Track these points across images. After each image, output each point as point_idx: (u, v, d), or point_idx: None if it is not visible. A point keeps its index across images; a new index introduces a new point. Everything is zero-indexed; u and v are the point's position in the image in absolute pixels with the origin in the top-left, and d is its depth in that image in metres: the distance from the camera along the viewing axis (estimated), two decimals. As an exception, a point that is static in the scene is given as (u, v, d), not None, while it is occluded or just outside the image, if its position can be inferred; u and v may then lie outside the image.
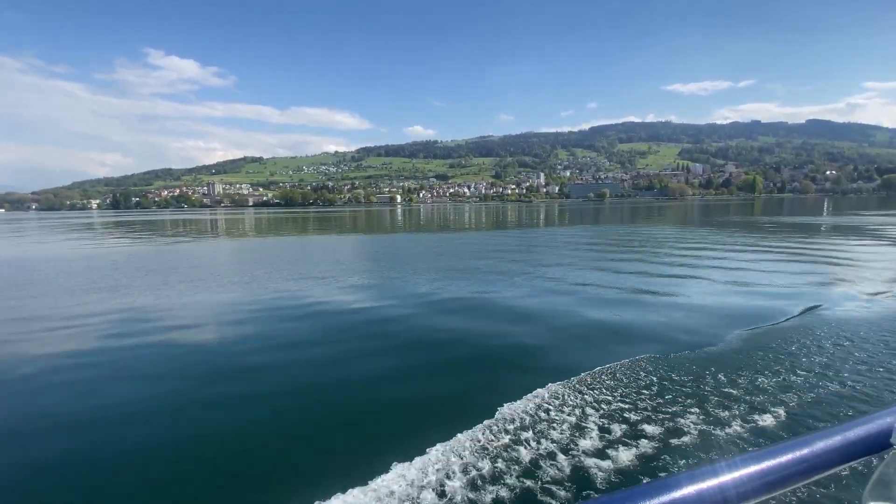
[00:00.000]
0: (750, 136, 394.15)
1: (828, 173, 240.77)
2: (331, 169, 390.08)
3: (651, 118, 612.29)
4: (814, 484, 2.97)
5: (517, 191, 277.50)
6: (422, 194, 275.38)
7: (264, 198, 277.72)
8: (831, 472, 0.81)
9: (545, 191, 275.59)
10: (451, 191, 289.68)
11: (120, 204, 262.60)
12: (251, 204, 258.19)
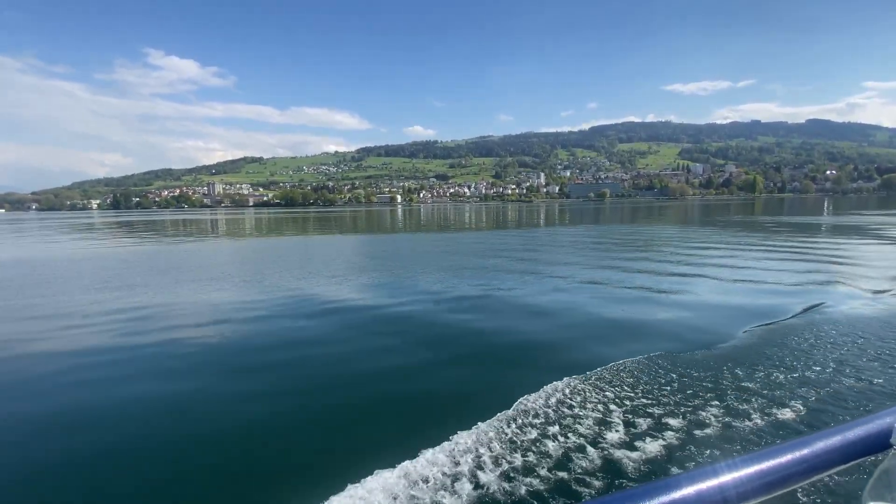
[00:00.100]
0: (750, 136, 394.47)
1: (828, 173, 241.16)
2: (331, 169, 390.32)
3: (651, 118, 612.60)
4: (814, 484, 2.98)
5: (517, 191, 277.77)
6: (422, 194, 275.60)
7: (265, 198, 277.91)
8: (831, 472, 0.81)
9: (545, 191, 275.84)
10: (451, 191, 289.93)
11: (120, 204, 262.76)
12: (251, 204, 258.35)
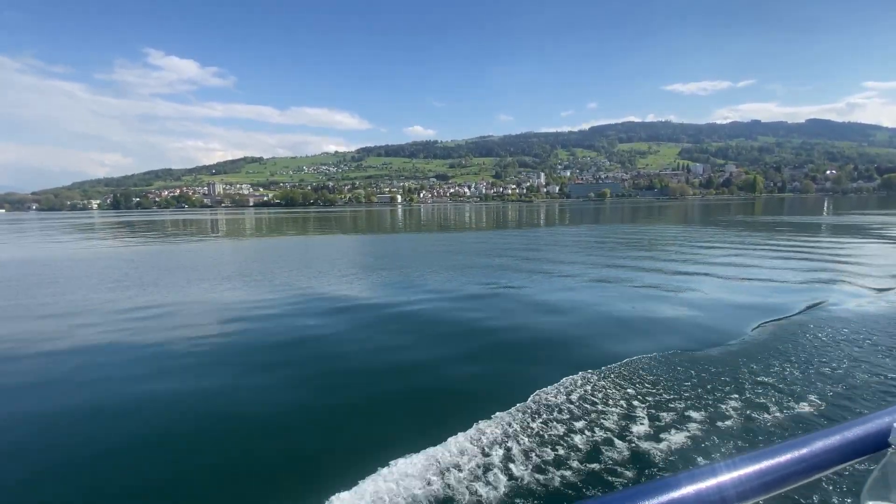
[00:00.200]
0: (750, 136, 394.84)
1: (828, 173, 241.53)
2: (331, 169, 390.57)
3: (651, 118, 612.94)
4: (812, 484, 3.01)
5: (517, 191, 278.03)
6: (422, 194, 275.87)
7: (265, 198, 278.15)
8: (830, 471, 0.81)
9: (545, 191, 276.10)
10: (451, 191, 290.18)
11: (120, 204, 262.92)
12: (252, 204, 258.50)
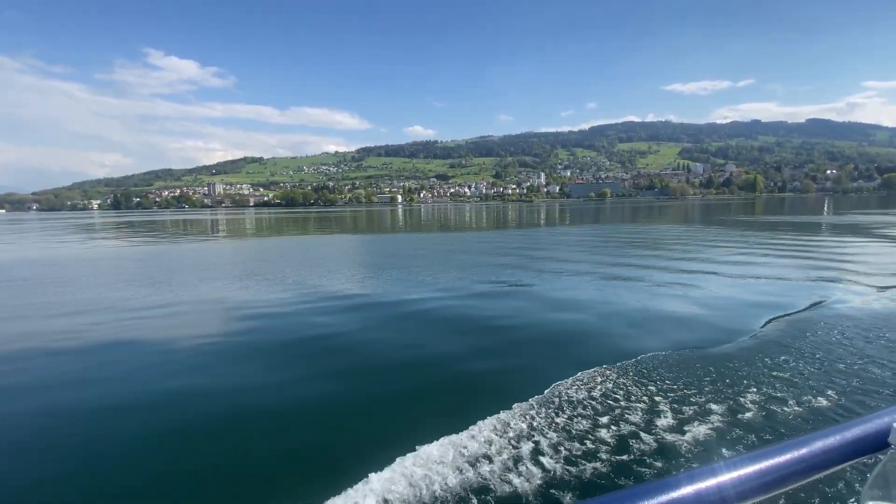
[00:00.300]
0: (750, 136, 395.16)
1: (828, 172, 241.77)
2: (331, 169, 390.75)
3: (651, 118, 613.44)
4: (812, 484, 3.02)
5: (518, 191, 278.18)
6: (422, 194, 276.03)
7: (265, 198, 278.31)
8: (829, 471, 0.81)
9: (546, 190, 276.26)
10: (451, 191, 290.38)
11: (121, 204, 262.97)
12: (252, 204, 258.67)
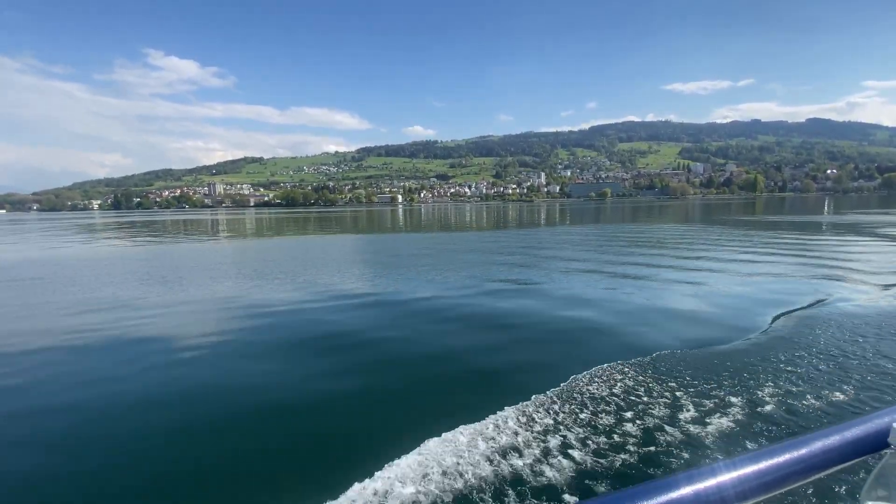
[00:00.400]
0: (750, 136, 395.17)
1: (829, 172, 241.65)
2: (331, 169, 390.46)
3: (651, 117, 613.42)
4: (812, 484, 3.02)
5: (518, 190, 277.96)
6: (423, 194, 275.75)
7: (265, 198, 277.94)
8: (829, 472, 0.80)
9: (546, 190, 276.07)
10: (451, 191, 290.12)
11: (121, 204, 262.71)
12: (253, 204, 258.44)
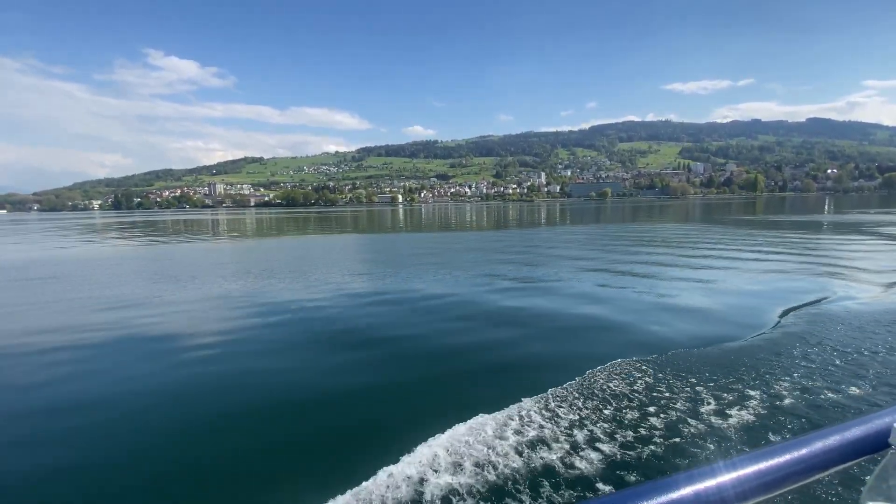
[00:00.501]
0: (750, 135, 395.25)
1: (829, 172, 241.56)
2: (331, 169, 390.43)
3: (651, 117, 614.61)
4: (812, 484, 3.02)
5: (518, 190, 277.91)
6: (423, 194, 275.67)
7: (266, 198, 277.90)
8: (829, 472, 0.80)
9: (546, 190, 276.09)
10: (452, 190, 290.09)
11: (122, 204, 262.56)
12: (253, 204, 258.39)
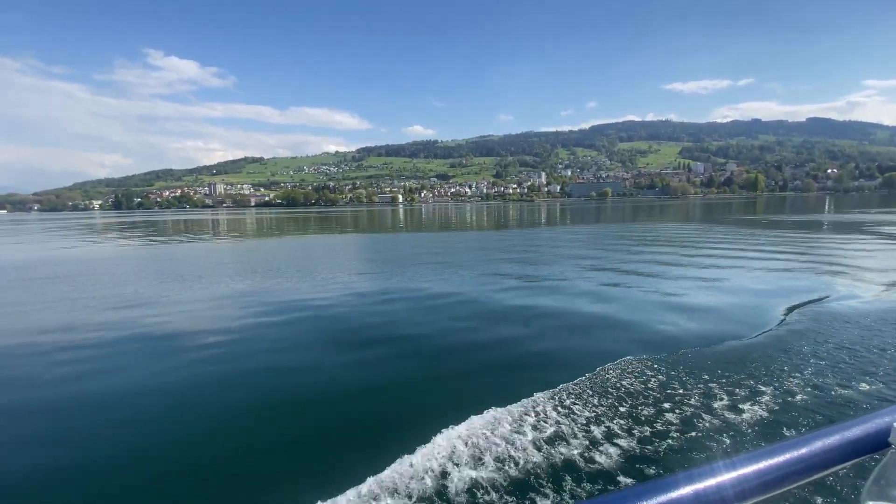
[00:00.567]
0: (750, 135, 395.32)
1: (829, 171, 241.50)
2: (331, 169, 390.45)
3: (651, 117, 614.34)
4: (812, 484, 2.93)
5: (519, 190, 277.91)
6: (423, 194, 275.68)
7: (266, 198, 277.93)
8: (829, 471, 0.81)
9: (547, 190, 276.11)
10: (452, 190, 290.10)
11: (122, 205, 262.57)
12: (253, 204, 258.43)
